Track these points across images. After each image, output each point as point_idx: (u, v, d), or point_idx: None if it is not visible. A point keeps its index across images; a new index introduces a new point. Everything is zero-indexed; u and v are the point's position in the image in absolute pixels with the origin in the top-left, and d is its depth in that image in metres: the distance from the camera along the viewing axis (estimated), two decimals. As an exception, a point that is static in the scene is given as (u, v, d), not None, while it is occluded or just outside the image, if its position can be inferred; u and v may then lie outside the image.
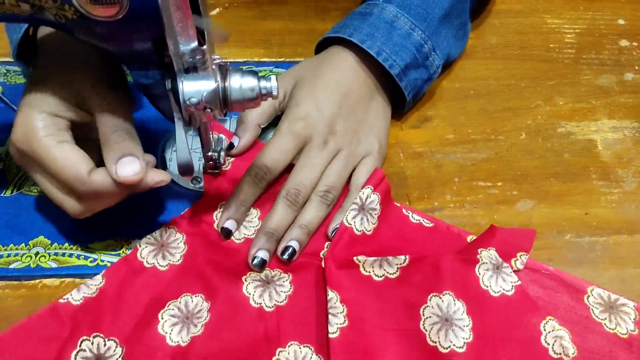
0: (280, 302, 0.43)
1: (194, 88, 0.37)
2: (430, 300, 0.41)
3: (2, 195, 0.47)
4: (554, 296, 0.44)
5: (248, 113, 0.50)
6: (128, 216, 0.46)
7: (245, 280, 0.43)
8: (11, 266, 0.44)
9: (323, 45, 0.54)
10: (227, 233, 0.45)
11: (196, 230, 0.46)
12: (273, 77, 0.39)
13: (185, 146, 0.40)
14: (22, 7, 0.34)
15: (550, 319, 0.41)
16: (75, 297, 0.42)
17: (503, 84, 0.59)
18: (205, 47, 0.36)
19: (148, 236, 0.45)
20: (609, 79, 0.61)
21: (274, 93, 0.39)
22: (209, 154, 0.46)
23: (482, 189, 0.51)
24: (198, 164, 0.50)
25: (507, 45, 0.63)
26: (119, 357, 0.40)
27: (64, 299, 0.42)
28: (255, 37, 0.62)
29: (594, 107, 0.58)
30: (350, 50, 0.52)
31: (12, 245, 0.45)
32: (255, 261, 0.44)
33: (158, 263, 0.44)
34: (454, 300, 0.41)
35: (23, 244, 0.45)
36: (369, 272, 0.43)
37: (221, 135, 0.51)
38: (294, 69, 0.53)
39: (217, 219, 0.47)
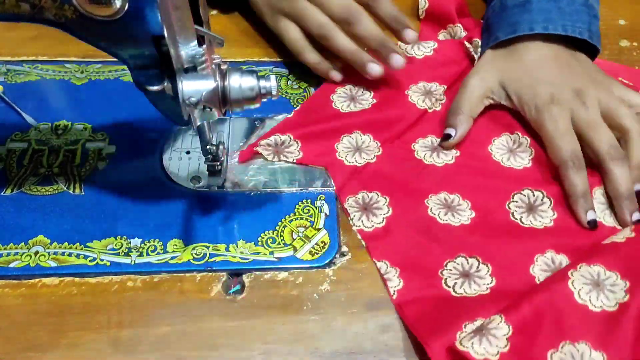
0: None
1: (193, 87, 0.37)
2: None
3: (2, 194, 0.47)
4: None
5: (462, 104, 0.52)
6: (128, 216, 0.46)
7: None
8: (11, 265, 0.44)
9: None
10: (594, 224, 0.47)
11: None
12: (272, 77, 0.39)
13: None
14: (22, 7, 0.35)
15: None
16: None
17: (503, 84, 0.59)
18: (204, 46, 0.36)
19: None
20: (609, 79, 0.60)
21: (274, 92, 0.39)
22: (207, 147, 0.46)
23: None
24: (198, 163, 0.50)
25: (507, 46, 0.63)
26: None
27: None
28: (255, 37, 0.62)
29: (594, 108, 0.58)
30: (536, 39, 0.53)
31: (11, 244, 0.45)
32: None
33: None
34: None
35: (22, 243, 0.45)
36: None
37: (220, 131, 0.51)
38: (489, 66, 0.54)
39: None
